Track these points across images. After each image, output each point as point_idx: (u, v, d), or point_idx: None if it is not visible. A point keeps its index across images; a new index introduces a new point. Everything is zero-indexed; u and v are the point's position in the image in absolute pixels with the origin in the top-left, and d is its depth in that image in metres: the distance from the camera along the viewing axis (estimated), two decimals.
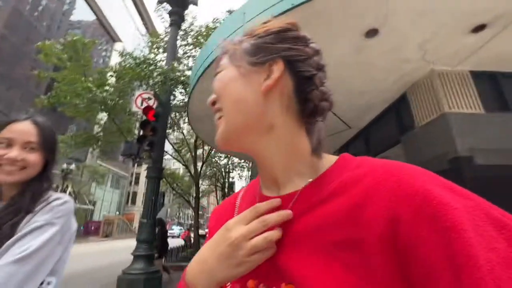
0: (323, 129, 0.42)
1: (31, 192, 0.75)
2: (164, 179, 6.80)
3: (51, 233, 0.69)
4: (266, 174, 0.44)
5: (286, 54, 0.41)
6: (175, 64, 4.84)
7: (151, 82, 5.03)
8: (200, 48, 7.61)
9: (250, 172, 11.54)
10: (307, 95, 0.41)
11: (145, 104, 4.66)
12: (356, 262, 0.30)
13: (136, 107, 4.65)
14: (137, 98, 4.76)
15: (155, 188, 4.18)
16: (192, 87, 3.83)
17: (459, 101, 3.25)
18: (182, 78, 4.81)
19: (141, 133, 3.99)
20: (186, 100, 5.88)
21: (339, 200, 0.35)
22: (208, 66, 3.29)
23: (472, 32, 2.74)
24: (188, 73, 6.11)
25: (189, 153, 9.71)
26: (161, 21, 7.49)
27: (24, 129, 0.78)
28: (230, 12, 7.34)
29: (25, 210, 0.71)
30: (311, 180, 0.40)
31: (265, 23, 0.44)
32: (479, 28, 2.67)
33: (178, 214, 47.48)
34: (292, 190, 0.40)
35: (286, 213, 0.37)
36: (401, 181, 0.31)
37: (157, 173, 4.25)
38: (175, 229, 29.78)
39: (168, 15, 5.58)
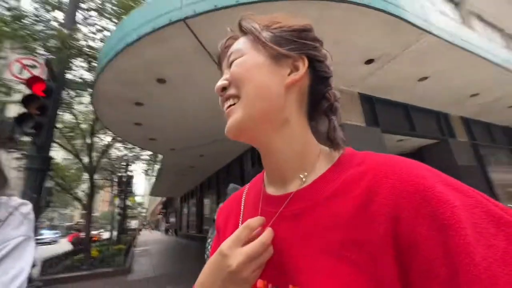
0: (339, 129, 0.44)
1: None
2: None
3: (31, 251, 0.54)
4: (273, 169, 0.44)
5: (310, 52, 0.42)
6: (85, 30, 3.88)
7: (35, 46, 3.85)
8: (106, 17, 6.40)
9: (158, 166, 10.61)
10: (324, 94, 0.43)
11: (26, 73, 3.56)
12: (364, 263, 0.30)
13: (12, 75, 3.49)
14: (12, 63, 3.58)
15: (38, 184, 3.26)
16: (105, 63, 3.22)
17: (350, 114, 4.14)
18: (86, 49, 3.89)
19: (23, 111, 3.01)
20: (87, 76, 4.84)
21: (343, 200, 0.35)
22: (130, 43, 2.86)
23: (365, 64, 3.56)
24: (91, 44, 5.03)
25: (79, 141, 7.97)
26: None
27: None
28: None
29: None
30: (313, 177, 0.40)
31: (276, 18, 0.44)
32: (370, 61, 3.50)
33: (50, 215, 37.96)
34: (297, 187, 0.41)
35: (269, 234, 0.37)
36: (402, 179, 0.31)
37: (42, 164, 3.32)
38: (47, 234, 23.89)
39: None
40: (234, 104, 0.41)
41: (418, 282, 0.27)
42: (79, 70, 5.04)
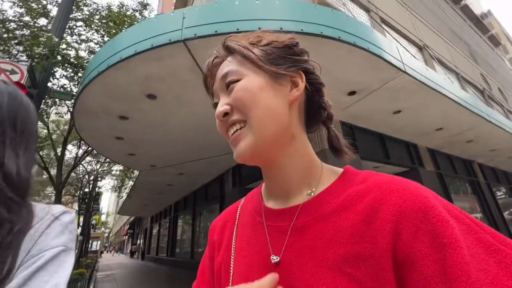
0: (341, 136, 0.45)
1: (5, 195, 0.46)
2: None
3: (70, 265, 0.49)
4: (278, 184, 0.43)
5: (304, 66, 0.43)
6: (69, 39, 3.79)
7: (20, 50, 3.68)
8: (92, 29, 6.33)
9: (131, 182, 10.06)
10: (320, 104, 0.45)
11: (3, 77, 3.36)
12: (366, 280, 0.30)
13: None
14: None
15: None
16: (94, 75, 3.15)
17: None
18: (73, 59, 3.77)
19: None
20: (65, 84, 4.64)
21: (346, 215, 0.35)
22: (126, 58, 2.87)
23: (348, 95, 3.85)
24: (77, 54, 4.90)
25: (45, 151, 7.40)
26: None
27: None
28: (143, 5, 6.61)
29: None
30: (316, 191, 0.40)
31: (258, 34, 0.45)
32: (352, 93, 3.80)
33: None
34: (300, 202, 0.40)
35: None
36: (405, 197, 0.32)
37: None
38: None
39: None
40: (240, 129, 0.40)
41: None
42: (60, 79, 4.84)
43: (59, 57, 3.42)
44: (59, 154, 6.53)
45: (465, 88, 8.88)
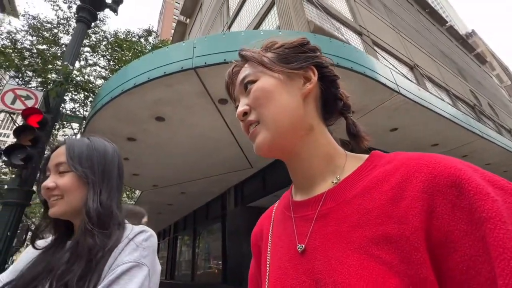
0: (359, 123, 0.47)
1: (88, 226, 0.60)
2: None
3: (141, 278, 0.55)
4: (303, 176, 0.45)
5: (316, 61, 0.46)
6: (77, 65, 4.00)
7: (32, 76, 3.88)
8: (98, 54, 6.63)
9: (131, 202, 9.98)
10: (336, 95, 0.47)
11: (20, 104, 3.52)
12: (397, 261, 0.28)
13: (4, 104, 3.42)
14: (6, 93, 3.53)
15: (14, 220, 3.00)
16: (107, 100, 3.33)
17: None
18: (88, 85, 3.98)
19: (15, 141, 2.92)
20: (77, 109, 4.82)
21: (372, 196, 0.34)
22: (140, 84, 3.06)
23: None
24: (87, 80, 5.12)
25: None
26: (52, 8, 6.08)
27: (56, 153, 0.68)
28: (149, 32, 6.98)
29: (94, 254, 0.56)
30: (341, 178, 0.41)
31: (274, 39, 0.49)
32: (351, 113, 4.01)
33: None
34: (325, 190, 0.41)
35: None
36: (436, 171, 0.30)
37: (22, 198, 3.11)
38: None
39: (73, 7, 4.68)
40: (256, 126, 0.43)
41: (456, 281, 0.26)
42: (70, 103, 5.04)
43: (71, 83, 3.59)
44: None
45: (456, 105, 9.23)
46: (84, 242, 0.57)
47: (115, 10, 5.03)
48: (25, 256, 0.66)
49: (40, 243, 0.68)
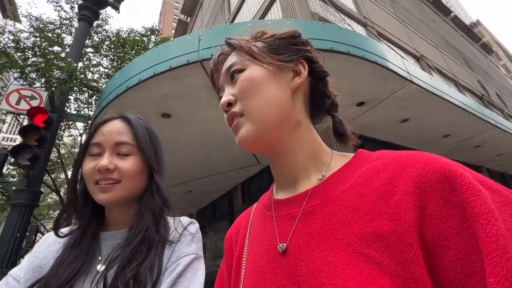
0: (345, 123, 0.45)
1: (152, 216, 0.55)
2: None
3: (203, 272, 0.54)
4: (285, 173, 0.43)
5: (307, 55, 0.44)
6: (80, 64, 3.96)
7: (35, 76, 3.83)
8: (101, 54, 6.59)
9: None
10: (325, 92, 0.45)
11: (25, 104, 3.47)
12: (387, 260, 0.26)
13: (9, 105, 3.38)
14: (10, 93, 3.49)
15: (22, 221, 2.96)
16: (113, 97, 3.26)
17: (341, 149, 4.40)
18: (91, 83, 3.93)
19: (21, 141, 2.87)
20: (82, 108, 4.78)
21: (360, 192, 0.32)
22: (145, 79, 2.99)
23: (357, 106, 3.95)
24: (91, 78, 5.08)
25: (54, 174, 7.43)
26: (55, 9, 6.04)
27: (113, 128, 0.58)
28: (152, 30, 6.92)
29: (155, 244, 0.52)
30: (327, 175, 0.39)
31: (264, 29, 0.47)
32: (361, 104, 3.90)
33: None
34: (309, 187, 0.39)
35: None
36: (428, 167, 0.29)
37: (30, 199, 3.07)
38: None
39: (76, 7, 4.64)
40: (241, 118, 0.40)
41: (451, 281, 0.24)
42: (74, 103, 4.99)
43: (76, 81, 3.54)
44: (69, 176, 6.58)
45: (464, 95, 9.04)
46: (147, 231, 0.53)
47: (116, 8, 4.96)
48: (42, 249, 0.57)
49: (63, 230, 0.59)
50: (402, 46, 8.05)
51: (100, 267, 0.52)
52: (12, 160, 2.84)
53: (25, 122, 3.22)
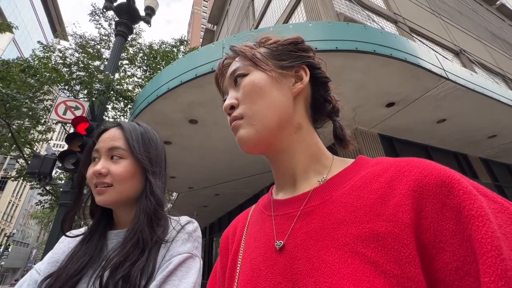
0: (345, 128, 0.46)
1: (146, 217, 0.57)
2: None
3: (196, 271, 0.54)
4: (285, 174, 0.44)
5: (308, 61, 0.45)
6: (116, 76, 4.31)
7: (79, 89, 4.24)
8: (135, 65, 7.09)
9: (169, 205, 10.45)
10: (326, 98, 0.46)
11: (70, 114, 3.86)
12: (383, 260, 0.27)
13: (57, 115, 3.78)
14: (59, 105, 3.90)
15: None
16: (144, 106, 3.49)
17: (372, 153, 4.21)
18: (128, 93, 4.27)
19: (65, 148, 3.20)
20: (119, 117, 5.17)
21: (359, 194, 0.33)
22: (173, 88, 3.16)
23: (386, 107, 3.76)
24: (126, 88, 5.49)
25: None
26: (96, 27, 6.67)
27: (108, 135, 0.63)
28: (182, 41, 7.31)
29: (149, 245, 0.54)
30: (327, 177, 0.40)
31: (268, 35, 0.48)
32: (391, 104, 3.70)
33: None
34: (310, 188, 0.40)
35: None
36: (426, 171, 0.30)
37: (74, 200, 3.39)
38: None
39: (113, 24, 5.07)
40: (241, 120, 0.41)
41: (446, 282, 0.24)
42: (111, 111, 5.46)
43: (113, 91, 3.85)
44: None
45: None
46: (146, 231, 0.56)
47: (148, 22, 5.31)
48: (60, 247, 0.64)
49: (74, 232, 0.66)
50: (438, 41, 7.50)
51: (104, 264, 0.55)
52: (60, 164, 3.16)
53: (71, 130, 3.57)
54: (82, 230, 0.66)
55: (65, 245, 0.64)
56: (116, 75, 6.57)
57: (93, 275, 0.53)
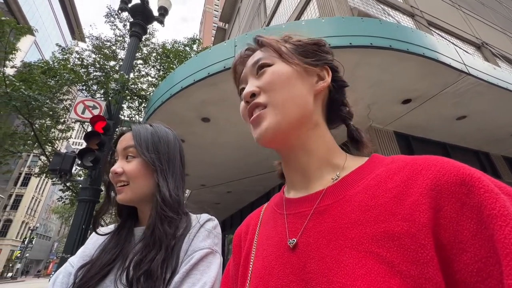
0: (361, 130, 0.47)
1: (156, 214, 0.60)
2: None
3: (217, 266, 0.56)
4: (298, 171, 0.43)
5: (331, 63, 0.46)
6: (131, 75, 4.42)
7: (96, 88, 4.39)
8: (149, 65, 7.23)
9: None
10: (342, 101, 0.47)
11: (88, 113, 4.00)
12: (399, 260, 0.26)
13: (76, 114, 3.92)
14: (77, 104, 4.05)
15: (87, 214, 3.41)
16: (159, 105, 3.56)
17: (387, 151, 4.11)
18: (142, 92, 4.38)
19: (84, 146, 3.32)
20: (134, 116, 5.31)
21: (374, 193, 0.32)
22: (186, 87, 3.20)
23: (402, 103, 3.64)
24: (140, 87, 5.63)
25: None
26: (111, 28, 6.86)
27: (123, 138, 0.68)
28: (194, 40, 7.39)
29: (165, 240, 0.56)
30: (341, 176, 0.39)
31: (290, 34, 0.48)
32: (407, 101, 3.59)
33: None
34: (323, 187, 0.39)
35: None
36: (445, 170, 0.28)
37: (93, 196, 3.52)
38: None
39: (128, 25, 5.20)
40: (261, 111, 0.41)
41: (466, 284, 0.23)
42: (127, 110, 5.63)
43: (128, 91, 3.94)
44: None
45: None
46: (158, 229, 0.58)
47: (161, 22, 5.40)
48: (91, 242, 0.68)
49: (104, 229, 0.69)
50: (458, 34, 7.18)
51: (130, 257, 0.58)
52: (79, 162, 3.28)
53: (89, 129, 3.71)
54: (111, 227, 0.70)
55: (95, 241, 0.68)
56: (131, 75, 6.76)
57: (120, 267, 0.56)
